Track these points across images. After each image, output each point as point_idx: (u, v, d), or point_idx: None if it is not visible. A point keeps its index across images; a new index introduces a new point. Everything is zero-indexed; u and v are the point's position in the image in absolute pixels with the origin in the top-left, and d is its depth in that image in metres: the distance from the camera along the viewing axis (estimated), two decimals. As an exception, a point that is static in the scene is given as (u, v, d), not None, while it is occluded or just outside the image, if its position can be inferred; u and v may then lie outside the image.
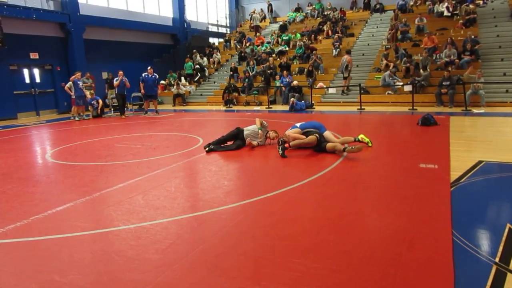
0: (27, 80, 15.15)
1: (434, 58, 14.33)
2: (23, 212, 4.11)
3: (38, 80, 15.50)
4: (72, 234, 3.50)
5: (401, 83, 13.23)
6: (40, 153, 7.82)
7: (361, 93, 12.96)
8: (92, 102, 13.97)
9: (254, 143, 6.99)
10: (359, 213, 3.81)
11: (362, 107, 12.66)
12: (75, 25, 15.87)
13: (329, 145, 6.20)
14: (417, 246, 2.99)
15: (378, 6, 20.82)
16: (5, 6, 13.50)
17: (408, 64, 13.96)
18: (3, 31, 13.38)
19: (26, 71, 15.11)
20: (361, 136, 6.77)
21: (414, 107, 11.88)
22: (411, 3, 20.01)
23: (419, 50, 15.02)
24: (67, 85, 13.29)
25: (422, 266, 2.69)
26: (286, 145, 6.31)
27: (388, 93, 13.66)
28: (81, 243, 3.35)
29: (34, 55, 15.10)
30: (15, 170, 6.18)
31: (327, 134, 6.60)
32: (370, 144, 6.67)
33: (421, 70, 13.57)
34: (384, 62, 14.73)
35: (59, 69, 15.74)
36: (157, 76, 14.46)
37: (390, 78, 13.65)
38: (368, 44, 17.61)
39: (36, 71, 15.46)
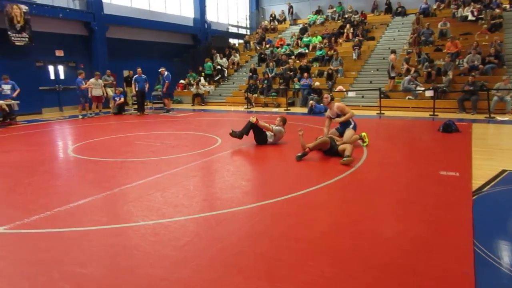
0: (52, 77, 15.59)
1: (457, 63, 14.05)
2: (46, 204, 4.23)
3: (62, 76, 15.92)
4: (93, 228, 3.59)
5: (422, 88, 13.03)
6: (63, 147, 8.02)
7: (380, 97, 12.82)
8: (116, 98, 14.27)
9: (270, 139, 7.41)
10: (376, 218, 3.77)
11: (382, 111, 12.52)
12: (99, 24, 16.22)
13: (340, 147, 6.16)
14: (436, 255, 2.94)
15: (400, 9, 20.56)
16: (34, 5, 13.93)
17: (429, 69, 13.73)
18: (32, 29, 13.80)
19: (51, 68, 15.54)
20: (363, 134, 7.23)
21: (435, 113, 11.67)
22: (434, 7, 19.69)
23: (442, 55, 14.76)
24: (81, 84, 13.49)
25: (442, 276, 2.65)
26: (307, 149, 6.25)
27: (408, 98, 13.46)
28: (101, 236, 3.43)
29: (59, 53, 15.52)
30: (39, 163, 6.37)
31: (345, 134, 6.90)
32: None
33: (443, 76, 13.33)
34: (405, 66, 14.52)
35: (82, 66, 16.10)
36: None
37: (411, 83, 13.45)
38: (389, 48, 17.37)
39: (60, 68, 15.89)
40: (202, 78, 18.82)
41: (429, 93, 12.12)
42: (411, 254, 2.97)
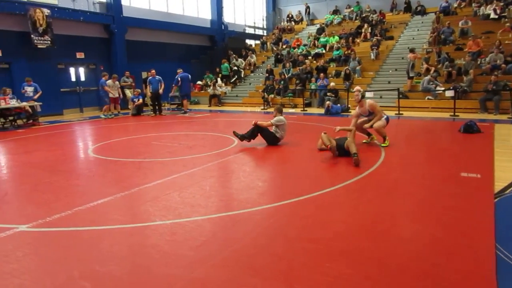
0: (73, 78, 15.94)
1: (478, 62, 13.71)
2: (67, 203, 4.33)
3: (82, 78, 16.27)
4: (112, 227, 3.66)
5: (442, 88, 12.77)
6: (83, 148, 8.20)
7: (399, 98, 12.62)
8: (134, 99, 14.49)
9: (277, 134, 7.49)
10: (394, 220, 3.72)
11: (400, 112, 12.32)
12: (118, 27, 16.51)
13: (345, 143, 6.08)
14: (456, 258, 2.88)
15: (419, 8, 20.20)
16: (56, 9, 14.28)
17: (450, 69, 13.44)
18: (53, 32, 14.16)
19: (72, 70, 15.89)
20: (371, 136, 7.36)
21: (456, 114, 11.42)
22: (455, 5, 19.26)
23: (463, 54, 14.42)
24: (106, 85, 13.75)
25: (462, 280, 2.59)
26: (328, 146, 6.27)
27: (428, 98, 13.21)
28: (120, 235, 3.49)
29: (80, 55, 15.86)
30: (60, 163, 6.53)
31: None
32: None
33: (464, 75, 13.03)
34: (425, 66, 14.26)
35: (102, 68, 16.41)
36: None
37: (431, 82, 13.20)
38: (408, 48, 17.11)
39: (81, 70, 16.23)
40: (219, 79, 18.93)
41: (450, 93, 11.86)
42: (430, 256, 2.92)
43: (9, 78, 13.45)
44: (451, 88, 12.14)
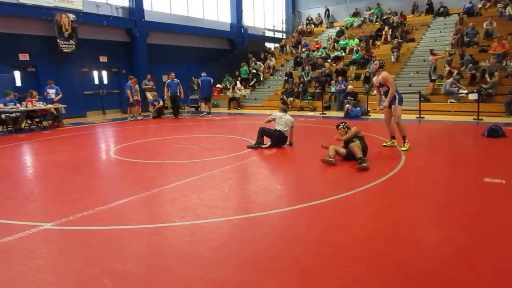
0: (96, 82, 16.37)
1: (503, 64, 13.33)
2: (89, 202, 4.45)
3: (105, 81, 16.68)
4: (132, 226, 3.73)
5: (466, 91, 12.46)
6: (105, 149, 8.39)
7: (420, 101, 12.40)
8: (154, 103, 14.74)
9: (277, 127, 7.66)
10: (415, 225, 3.65)
11: (422, 115, 12.10)
12: (140, 31, 16.85)
13: (350, 146, 6.01)
14: (479, 266, 2.81)
15: (442, 9, 19.80)
16: (81, 14, 14.71)
17: (473, 71, 13.12)
18: (78, 37, 14.58)
19: (95, 73, 16.33)
20: (393, 140, 7.27)
21: (480, 117, 11.12)
22: (479, 6, 18.79)
23: (487, 56, 14.05)
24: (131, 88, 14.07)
25: None
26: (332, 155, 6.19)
27: (450, 102, 12.92)
28: (140, 235, 3.56)
29: (103, 58, 16.28)
30: (83, 163, 6.70)
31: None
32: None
33: (488, 78, 12.69)
34: (447, 68, 13.97)
35: (124, 71, 16.78)
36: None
37: (453, 85, 12.91)
38: (430, 50, 16.80)
39: (104, 73, 16.65)
40: (238, 82, 19.04)
41: (473, 96, 11.57)
42: (451, 263, 2.85)
43: (35, 81, 13.93)
44: (475, 91, 11.83)
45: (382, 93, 7.28)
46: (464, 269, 2.77)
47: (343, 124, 6.57)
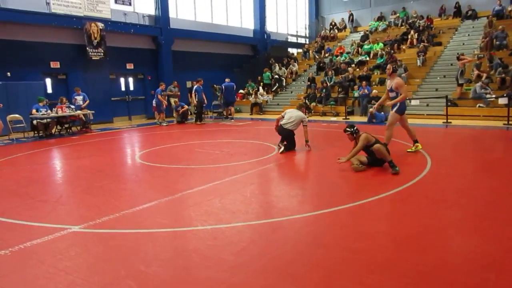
0: (123, 88, 16.82)
1: (536, 68, 12.84)
2: (115, 206, 4.57)
3: (131, 88, 17.12)
4: (156, 230, 3.81)
5: (495, 95, 12.06)
6: (131, 154, 8.60)
7: (447, 106, 12.08)
8: (178, 108, 14.99)
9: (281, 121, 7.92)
10: (441, 232, 3.56)
11: (449, 120, 11.78)
12: (166, 38, 17.23)
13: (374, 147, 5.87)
14: (509, 274, 2.71)
15: (470, 12, 19.28)
16: (109, 22, 15.18)
17: (503, 75, 12.69)
18: (106, 44, 15.05)
19: (122, 80, 16.78)
20: (416, 144, 7.19)
21: (510, 122, 10.73)
22: (509, 8, 18.19)
23: (518, 59, 13.58)
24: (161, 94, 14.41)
25: (514, 297, 2.44)
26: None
27: (479, 106, 12.53)
28: (163, 238, 3.63)
29: (129, 65, 16.72)
30: (110, 168, 6.89)
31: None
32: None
33: (520, 82, 12.24)
34: (476, 72, 13.57)
35: (150, 78, 17.17)
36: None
37: (482, 89, 12.53)
38: (458, 54, 16.39)
39: (130, 80, 17.10)
40: (260, 88, 19.12)
41: (503, 101, 11.18)
42: (480, 272, 2.77)
43: (65, 88, 14.45)
44: (505, 95, 11.44)
45: (390, 98, 7.16)
46: (491, 277, 2.68)
47: (351, 129, 6.28)
